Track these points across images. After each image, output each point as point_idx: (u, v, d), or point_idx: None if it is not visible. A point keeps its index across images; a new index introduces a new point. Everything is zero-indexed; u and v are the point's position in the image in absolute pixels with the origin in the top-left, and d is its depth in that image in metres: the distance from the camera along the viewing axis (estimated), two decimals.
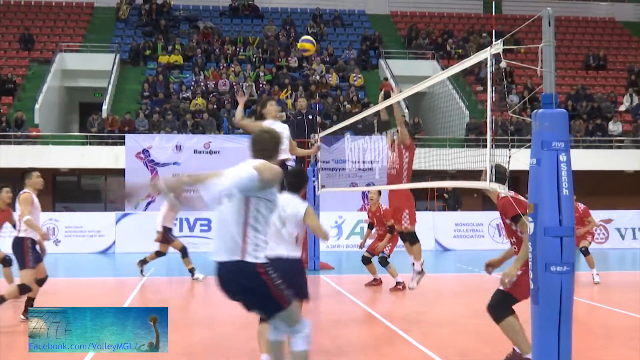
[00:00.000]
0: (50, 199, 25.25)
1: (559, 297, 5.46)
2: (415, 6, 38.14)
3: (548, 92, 5.79)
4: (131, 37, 32.40)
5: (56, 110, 28.94)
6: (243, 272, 5.52)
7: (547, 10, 5.84)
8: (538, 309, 5.54)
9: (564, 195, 5.58)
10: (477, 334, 9.28)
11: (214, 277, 5.78)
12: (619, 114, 29.61)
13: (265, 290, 5.50)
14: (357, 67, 31.24)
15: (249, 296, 5.67)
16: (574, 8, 38.96)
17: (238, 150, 24.04)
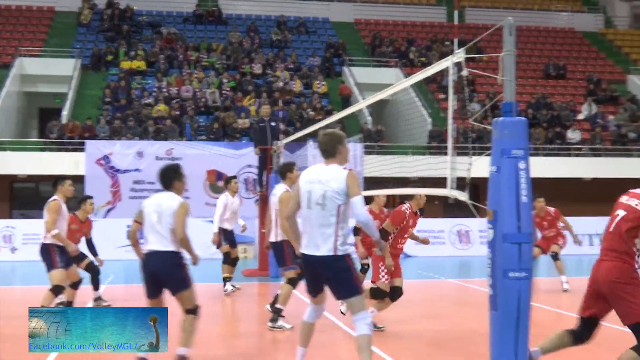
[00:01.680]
0: (7, 206, 24.94)
1: (517, 302, 5.51)
2: (379, 14, 38.31)
3: (508, 101, 5.86)
4: (93, 42, 32.08)
5: (15, 115, 28.55)
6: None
7: (508, 20, 5.91)
8: (496, 314, 5.59)
9: (522, 203, 5.64)
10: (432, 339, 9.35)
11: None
12: (578, 123, 30.01)
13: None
14: (320, 74, 31.30)
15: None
16: (535, 18, 39.45)
17: (201, 157, 23.97)
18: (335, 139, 6.72)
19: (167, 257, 7.20)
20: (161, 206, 7.27)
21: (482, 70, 8.21)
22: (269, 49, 33.40)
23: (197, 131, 26.61)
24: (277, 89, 29.44)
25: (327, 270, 6.55)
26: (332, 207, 6.46)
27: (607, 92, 32.65)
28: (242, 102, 28.43)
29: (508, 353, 5.51)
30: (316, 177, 6.63)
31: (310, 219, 6.58)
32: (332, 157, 6.65)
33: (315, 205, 6.54)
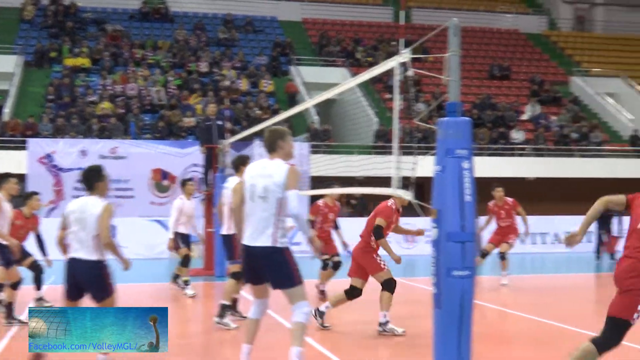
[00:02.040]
0: None
1: (460, 300, 5.56)
2: (327, 14, 38.38)
3: (453, 101, 5.90)
4: (36, 39, 31.53)
5: None
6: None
7: (453, 21, 5.96)
8: (440, 312, 5.64)
9: (466, 202, 5.69)
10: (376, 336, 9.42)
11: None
12: (522, 123, 30.45)
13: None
14: (268, 74, 31.24)
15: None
16: (480, 19, 39.88)
17: (146, 155, 23.73)
18: (277, 135, 7.04)
19: (90, 266, 7.10)
20: (84, 212, 7.15)
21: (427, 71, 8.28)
22: (216, 47, 33.22)
23: (142, 130, 26.35)
24: (224, 88, 29.30)
25: (265, 260, 6.80)
26: (272, 200, 6.76)
27: (550, 93, 33.19)
28: (188, 101, 28.23)
29: (451, 350, 5.57)
30: (260, 171, 6.94)
31: (253, 212, 6.87)
32: (274, 152, 6.99)
33: (258, 198, 6.83)
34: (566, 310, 11.78)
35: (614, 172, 27.74)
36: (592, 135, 30.06)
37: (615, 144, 30.58)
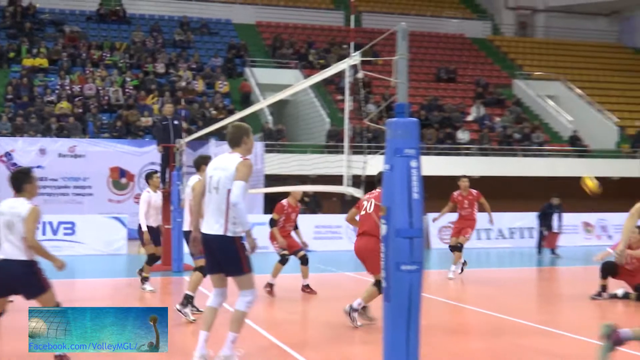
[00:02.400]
0: None
1: (409, 294, 5.60)
2: (280, 17, 38.33)
3: (401, 102, 5.93)
4: None
5: None
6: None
7: (402, 25, 5.98)
8: (389, 305, 5.67)
9: (414, 199, 5.72)
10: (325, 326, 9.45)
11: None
12: (467, 124, 30.76)
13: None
14: (223, 75, 31.13)
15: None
16: (427, 24, 40.14)
17: (104, 154, 23.48)
18: (242, 131, 7.18)
19: (21, 266, 6.96)
20: (12, 215, 7.03)
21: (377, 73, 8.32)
22: (172, 48, 33.00)
23: (100, 129, 26.08)
24: (180, 88, 29.13)
25: (217, 247, 7.00)
26: (223, 192, 6.92)
27: (494, 96, 33.59)
28: (145, 101, 28.00)
29: (400, 341, 5.60)
30: (218, 164, 7.13)
31: (209, 202, 7.08)
32: (237, 147, 7.11)
33: (213, 189, 7.04)
34: (510, 302, 11.93)
35: (555, 171, 28.18)
36: (534, 135, 30.51)
37: (556, 144, 31.06)
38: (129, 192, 23.61)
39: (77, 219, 20.93)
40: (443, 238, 21.98)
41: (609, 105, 34.45)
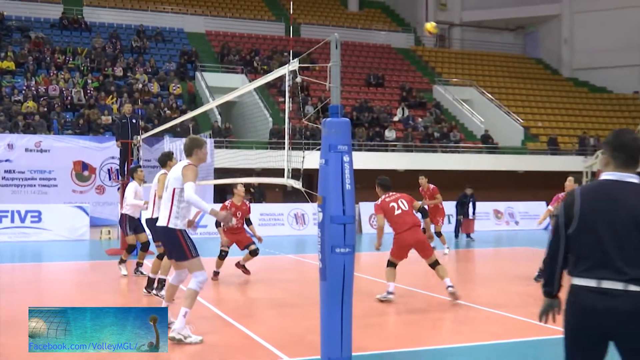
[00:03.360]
0: None
1: (342, 273, 5.64)
2: (227, 27, 38.04)
3: (335, 104, 5.96)
4: None
5: None
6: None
7: (335, 36, 6.01)
8: (325, 284, 5.71)
9: (347, 190, 5.76)
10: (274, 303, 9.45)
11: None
12: (393, 124, 31.01)
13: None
14: (176, 78, 30.77)
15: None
16: (358, 35, 40.33)
17: (68, 149, 23.03)
18: (195, 144, 7.47)
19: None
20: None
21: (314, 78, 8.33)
22: (130, 54, 32.47)
23: (64, 126, 25.55)
24: (137, 90, 28.68)
25: (162, 237, 7.48)
26: (170, 190, 7.30)
27: (416, 99, 33.92)
28: (105, 101, 27.52)
29: (335, 315, 5.64)
30: (172, 170, 7.49)
31: (163, 199, 7.47)
32: (190, 157, 7.42)
33: (165, 189, 7.42)
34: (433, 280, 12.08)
35: (469, 165, 28.64)
36: (451, 134, 30.96)
37: (470, 142, 31.54)
38: (91, 183, 23.19)
39: (43, 208, 20.51)
40: (373, 224, 22.16)
41: (515, 109, 35.13)
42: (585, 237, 3.60)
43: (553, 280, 3.81)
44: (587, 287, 3.52)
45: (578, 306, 3.57)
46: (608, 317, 3.45)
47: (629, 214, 3.52)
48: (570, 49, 43.06)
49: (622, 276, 3.45)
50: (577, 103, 38.09)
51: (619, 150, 3.68)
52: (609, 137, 3.79)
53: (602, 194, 3.65)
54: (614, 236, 3.51)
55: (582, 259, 3.59)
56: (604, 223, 3.55)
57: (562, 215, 3.72)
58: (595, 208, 3.60)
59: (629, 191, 3.61)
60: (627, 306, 3.42)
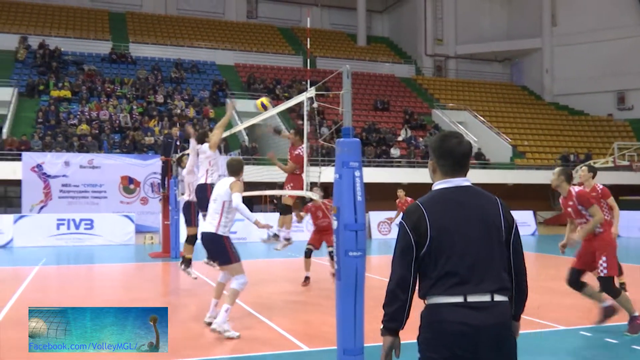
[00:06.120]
0: None
1: (355, 274, 5.60)
2: (253, 60, 38.25)
3: (347, 126, 5.94)
4: (28, 75, 30.37)
5: None
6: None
7: (346, 67, 6.00)
8: (340, 283, 5.67)
9: (358, 201, 5.73)
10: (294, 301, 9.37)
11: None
12: (398, 143, 30.98)
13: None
14: (209, 104, 30.91)
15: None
16: (366, 66, 40.43)
17: (116, 166, 23.17)
18: (241, 166, 7.63)
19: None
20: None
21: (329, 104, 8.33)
22: (169, 83, 32.70)
23: (113, 146, 25.72)
24: (176, 115, 28.84)
25: (209, 243, 7.34)
26: (219, 202, 7.29)
27: (418, 121, 33.88)
28: (148, 124, 27.69)
29: (349, 310, 5.60)
30: (219, 184, 7.55)
31: (209, 210, 7.43)
32: (235, 175, 7.47)
33: (212, 201, 7.42)
34: None
35: None
36: None
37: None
38: (136, 195, 23.31)
39: (95, 217, 20.61)
40: (381, 231, 22.06)
41: (504, 129, 34.98)
42: (443, 253, 2.82)
43: (403, 313, 2.91)
44: (454, 304, 2.77)
45: (447, 326, 2.76)
46: (479, 333, 2.73)
47: (483, 220, 2.88)
48: (551, 77, 42.88)
49: (490, 286, 2.79)
50: (558, 124, 37.87)
51: (445, 157, 3.04)
52: (433, 143, 3.10)
53: (447, 203, 2.92)
54: (473, 246, 2.82)
55: (443, 277, 2.80)
56: (460, 235, 2.83)
57: (409, 235, 2.86)
58: (445, 220, 2.85)
59: (473, 196, 2.98)
60: (494, 319, 2.76)
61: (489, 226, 2.89)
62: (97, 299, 9.82)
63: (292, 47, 41.20)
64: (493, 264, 2.83)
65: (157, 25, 39.57)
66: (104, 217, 20.82)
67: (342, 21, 46.73)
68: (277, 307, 9.12)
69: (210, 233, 7.24)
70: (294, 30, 44.14)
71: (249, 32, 41.97)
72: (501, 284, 2.82)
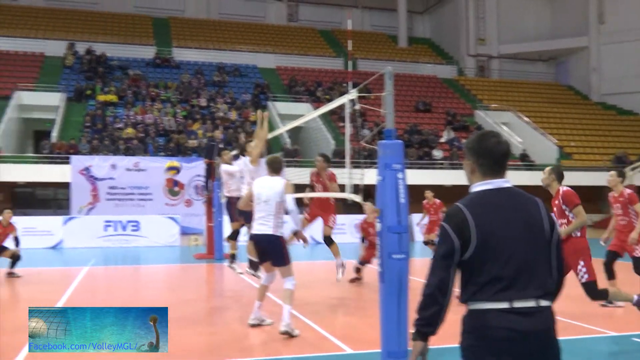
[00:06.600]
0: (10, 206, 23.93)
1: (399, 277, 5.58)
2: (294, 63, 38.40)
3: (389, 128, 5.93)
4: (75, 80, 31.11)
5: (15, 136, 27.45)
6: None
7: (388, 69, 6.00)
8: (384, 286, 5.66)
9: (401, 203, 5.72)
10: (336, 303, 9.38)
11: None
12: (440, 144, 30.69)
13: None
14: (251, 107, 31.16)
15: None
16: (407, 68, 40.15)
17: (161, 168, 23.57)
18: (283, 164, 7.67)
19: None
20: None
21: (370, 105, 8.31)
22: (212, 87, 33.08)
23: (158, 149, 26.13)
24: (218, 118, 29.16)
25: (267, 243, 7.25)
26: (272, 203, 7.23)
27: (460, 122, 33.50)
28: (192, 127, 28.05)
29: (393, 313, 5.58)
30: (265, 184, 7.38)
31: (259, 211, 7.30)
32: (277, 174, 7.44)
33: (262, 202, 7.28)
34: None
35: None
36: None
37: (509, 160, 30.90)
38: (181, 197, 23.66)
39: (141, 219, 21.01)
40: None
41: (549, 130, 34.33)
42: (489, 258, 2.75)
43: (439, 317, 2.84)
44: (500, 309, 2.70)
45: (493, 332, 2.70)
46: (526, 338, 2.69)
47: (526, 222, 2.82)
48: (598, 76, 41.91)
49: (535, 291, 2.75)
50: (606, 124, 36.95)
51: (484, 157, 2.94)
52: (471, 143, 3.00)
53: (490, 205, 2.85)
54: (519, 250, 2.76)
55: (489, 282, 2.74)
56: (505, 238, 2.77)
57: (453, 238, 2.78)
58: (490, 224, 2.78)
59: (515, 198, 2.92)
60: (540, 325, 2.72)
61: (532, 229, 2.84)
62: (143, 300, 9.99)
63: (332, 49, 41.25)
64: (538, 269, 2.79)
65: (200, 30, 40.08)
66: (149, 219, 21.20)
67: (382, 22, 46.55)
68: (320, 309, 9.13)
69: (268, 234, 7.22)
70: (335, 32, 44.17)
71: (290, 35, 42.18)
72: (546, 289, 2.79)
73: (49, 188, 25.74)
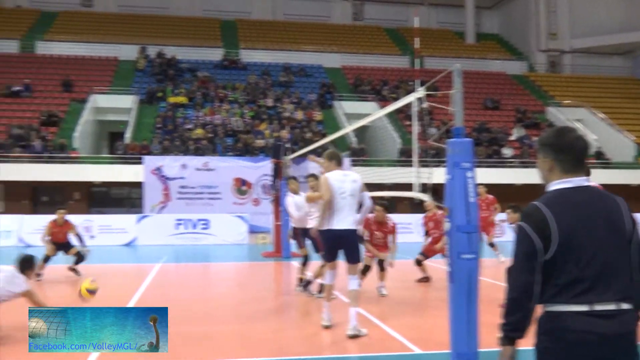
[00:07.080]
0: (86, 205, 24.92)
1: (468, 277, 5.52)
2: (360, 62, 38.36)
3: (458, 126, 5.87)
4: (147, 83, 32.07)
5: (90, 137, 28.54)
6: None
7: (457, 66, 5.94)
8: (453, 286, 5.60)
9: (470, 202, 5.65)
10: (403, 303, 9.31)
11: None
12: (510, 142, 30.04)
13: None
14: (317, 107, 31.32)
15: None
16: (475, 64, 39.44)
17: (229, 168, 24.01)
18: (341, 156, 7.56)
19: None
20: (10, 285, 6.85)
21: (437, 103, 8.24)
22: (278, 87, 33.42)
23: (226, 149, 26.60)
24: (285, 118, 29.45)
25: (346, 240, 7.14)
26: (356, 197, 7.22)
27: (531, 120, 32.71)
28: (259, 128, 28.43)
29: (462, 314, 5.53)
30: (348, 178, 7.26)
31: (343, 205, 7.11)
32: (340, 165, 7.41)
33: (348, 196, 7.14)
34: None
35: None
36: None
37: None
38: (249, 196, 24.03)
39: (211, 217, 21.47)
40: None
41: (626, 127, 33.07)
42: (571, 259, 2.67)
43: (527, 321, 2.74)
44: (579, 312, 2.63)
45: (571, 335, 2.63)
46: (605, 341, 2.61)
47: (608, 222, 2.72)
48: None
49: (616, 294, 2.65)
50: None
51: (564, 153, 2.80)
52: (549, 138, 2.87)
53: (571, 204, 2.73)
54: (601, 251, 2.67)
55: (570, 284, 2.66)
56: (587, 239, 2.67)
57: (533, 238, 2.69)
58: (571, 224, 2.68)
59: (595, 197, 2.79)
60: (620, 328, 2.63)
61: (614, 229, 2.73)
62: (213, 297, 10.21)
63: (398, 47, 40.99)
64: (619, 271, 2.70)
65: (266, 31, 40.59)
66: (219, 217, 21.64)
67: (449, 19, 45.93)
68: (388, 308, 9.11)
69: (351, 230, 7.10)
70: (401, 30, 43.88)
71: (355, 34, 42.16)
72: (627, 292, 2.69)
73: (123, 187, 26.64)
